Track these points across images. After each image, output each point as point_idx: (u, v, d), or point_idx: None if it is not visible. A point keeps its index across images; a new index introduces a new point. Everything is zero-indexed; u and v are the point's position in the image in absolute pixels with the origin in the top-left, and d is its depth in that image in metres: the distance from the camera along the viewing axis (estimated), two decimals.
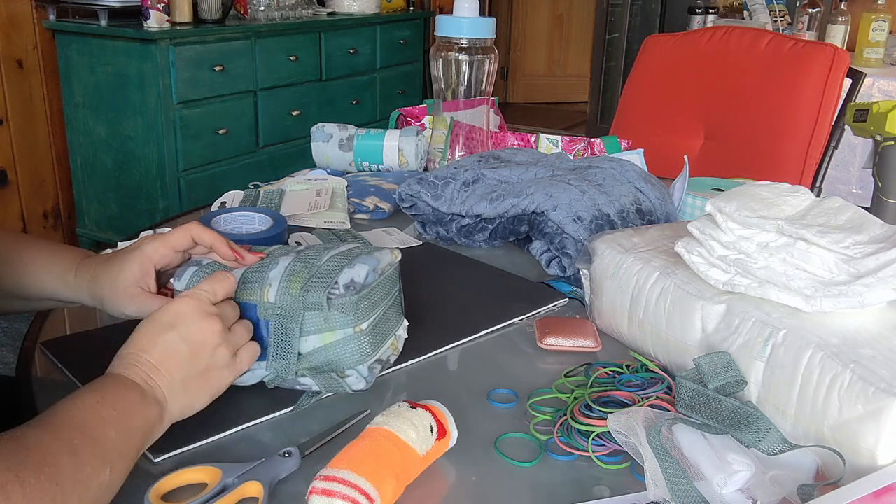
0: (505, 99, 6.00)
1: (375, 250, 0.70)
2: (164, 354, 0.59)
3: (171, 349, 0.60)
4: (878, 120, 1.03)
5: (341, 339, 0.66)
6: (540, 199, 0.99)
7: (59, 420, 0.52)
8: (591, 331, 0.81)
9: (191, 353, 0.60)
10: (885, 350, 0.57)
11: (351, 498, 0.51)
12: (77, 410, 0.53)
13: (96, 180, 2.78)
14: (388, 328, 0.71)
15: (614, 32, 4.04)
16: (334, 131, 1.37)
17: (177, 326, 0.60)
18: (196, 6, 2.75)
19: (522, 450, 0.64)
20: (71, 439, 0.50)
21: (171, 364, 0.59)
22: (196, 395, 0.61)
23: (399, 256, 0.73)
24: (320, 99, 3.25)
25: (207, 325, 0.61)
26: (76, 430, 0.51)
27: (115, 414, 0.54)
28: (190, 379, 0.60)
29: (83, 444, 0.51)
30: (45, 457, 0.48)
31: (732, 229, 0.69)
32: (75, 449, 0.50)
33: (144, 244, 0.70)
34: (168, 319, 0.61)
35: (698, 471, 0.57)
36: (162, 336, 0.60)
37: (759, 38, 1.76)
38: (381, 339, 0.70)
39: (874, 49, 3.03)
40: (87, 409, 0.53)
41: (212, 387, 0.62)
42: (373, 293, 0.68)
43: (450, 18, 1.25)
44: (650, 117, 1.88)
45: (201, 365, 0.61)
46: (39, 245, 0.74)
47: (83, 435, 0.51)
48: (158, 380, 0.59)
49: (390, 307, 0.72)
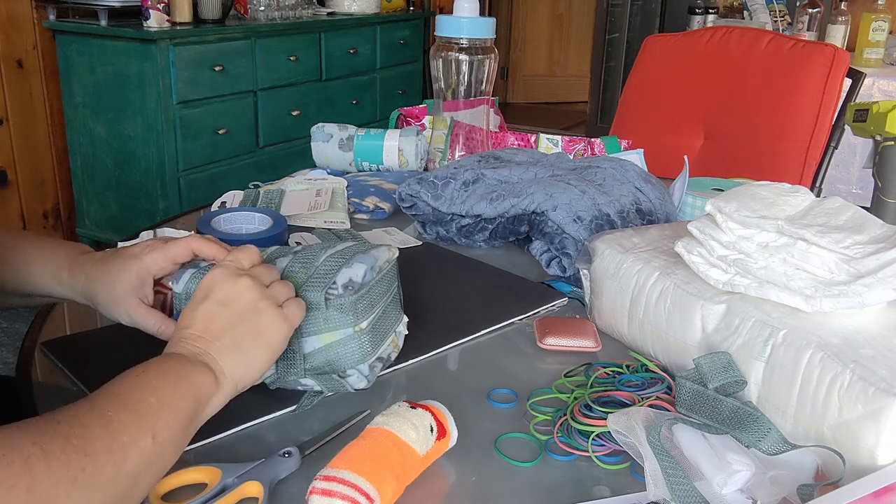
0: (505, 99, 6.00)
1: (372, 248, 0.70)
2: (206, 323, 0.60)
3: (210, 316, 0.60)
4: (878, 120, 1.03)
5: (341, 339, 0.66)
6: (540, 199, 0.99)
7: (98, 395, 0.52)
8: (591, 331, 0.81)
9: (232, 314, 0.60)
10: (885, 350, 0.57)
11: (351, 498, 0.51)
12: (117, 383, 0.53)
13: (96, 180, 2.78)
14: (388, 326, 0.71)
15: (614, 32, 4.04)
16: (334, 131, 1.37)
17: (210, 294, 0.61)
18: (196, 6, 2.75)
19: (522, 450, 0.64)
20: (105, 410, 0.50)
21: (214, 329, 0.59)
22: (253, 354, 0.61)
23: (396, 253, 0.73)
24: (320, 99, 3.25)
25: (241, 284, 0.61)
26: (112, 400, 0.51)
27: (157, 382, 0.54)
28: (240, 339, 0.60)
29: (118, 413, 0.50)
30: (73, 428, 0.48)
31: (732, 229, 0.69)
32: (109, 419, 0.50)
33: (144, 254, 0.69)
34: (200, 293, 0.61)
35: (698, 471, 0.57)
36: (198, 308, 0.60)
37: (759, 38, 1.76)
38: (382, 337, 0.70)
39: (874, 49, 3.03)
40: (127, 380, 0.54)
41: (270, 341, 0.61)
42: (371, 292, 0.68)
43: (450, 18, 1.25)
44: (650, 117, 1.88)
45: (248, 323, 0.60)
46: (34, 241, 0.74)
47: (119, 405, 0.51)
48: (206, 346, 0.59)
49: (389, 304, 0.72)
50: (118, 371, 0.57)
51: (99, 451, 0.48)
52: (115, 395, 0.52)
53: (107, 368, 0.72)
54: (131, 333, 0.73)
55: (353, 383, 0.68)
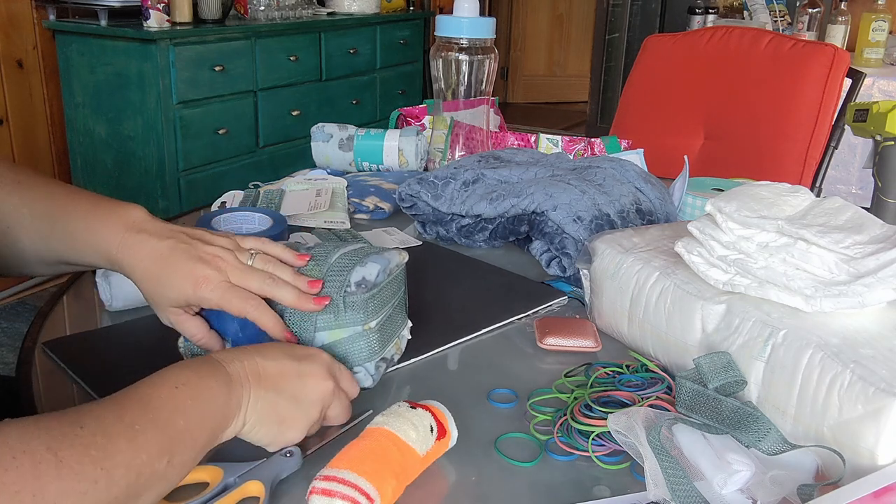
0: (505, 99, 6.00)
1: (385, 250, 0.71)
2: (275, 375, 0.58)
3: (283, 375, 0.58)
4: (878, 120, 1.03)
5: (350, 336, 0.67)
6: (540, 199, 0.99)
7: (129, 399, 0.50)
8: (591, 331, 0.81)
9: (294, 397, 0.59)
10: (885, 350, 0.57)
11: (351, 498, 0.51)
12: (151, 392, 0.51)
13: (96, 180, 2.78)
14: (394, 328, 0.72)
15: (614, 32, 4.04)
16: (334, 131, 1.37)
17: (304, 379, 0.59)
18: (196, 6, 2.75)
19: (522, 450, 0.64)
20: (133, 423, 0.48)
21: (271, 382, 0.58)
22: (270, 423, 0.58)
23: (406, 258, 0.73)
24: (320, 99, 3.25)
25: (325, 398, 0.61)
26: (142, 413, 0.49)
27: (190, 403, 0.52)
28: (277, 405, 0.58)
29: (145, 428, 0.48)
30: (97, 437, 0.45)
31: (732, 229, 0.69)
32: (135, 434, 0.48)
33: (202, 284, 0.64)
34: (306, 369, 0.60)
35: (698, 471, 0.57)
36: (287, 370, 0.59)
37: (759, 38, 1.76)
38: (388, 337, 0.70)
39: (874, 49, 3.03)
40: (163, 392, 0.51)
41: (284, 426, 0.59)
42: (382, 292, 0.68)
43: (450, 18, 1.25)
44: (650, 117, 1.88)
45: (291, 409, 0.59)
46: (81, 212, 0.67)
47: (148, 420, 0.49)
48: (253, 387, 0.57)
49: (396, 308, 0.72)
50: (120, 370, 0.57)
51: (117, 466, 0.46)
52: (146, 406, 0.50)
53: (108, 368, 0.73)
54: (133, 333, 0.73)
55: (360, 381, 0.68)
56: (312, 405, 0.60)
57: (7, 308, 2.68)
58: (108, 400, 0.49)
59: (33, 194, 0.69)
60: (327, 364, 0.62)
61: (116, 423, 0.47)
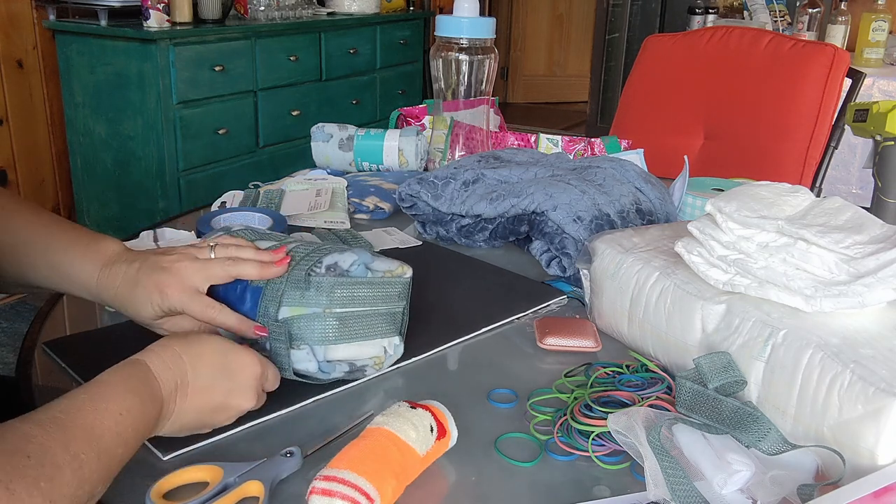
0: (505, 99, 6.00)
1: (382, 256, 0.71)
2: (203, 390, 0.60)
3: (211, 390, 0.60)
4: (878, 120, 1.03)
5: (308, 315, 0.67)
6: (540, 199, 0.99)
7: (73, 426, 0.49)
8: (591, 331, 0.81)
9: (216, 409, 0.61)
10: (885, 350, 0.57)
11: (351, 498, 0.51)
12: (95, 420, 0.50)
13: (96, 180, 2.78)
14: (370, 332, 0.70)
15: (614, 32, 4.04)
16: (334, 131, 1.37)
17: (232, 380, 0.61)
18: (196, 6, 2.75)
19: (522, 450, 0.64)
20: (78, 453, 0.48)
21: (198, 403, 0.60)
22: (182, 425, 0.60)
23: (407, 273, 0.72)
24: (320, 99, 3.25)
25: (248, 403, 0.63)
26: (86, 443, 0.49)
27: (131, 433, 0.53)
28: (197, 420, 0.61)
29: (89, 459, 0.48)
30: (44, 470, 0.45)
31: (732, 229, 0.69)
32: (80, 465, 0.47)
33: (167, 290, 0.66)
34: (234, 366, 0.62)
35: (698, 471, 0.57)
36: (214, 373, 0.61)
37: (759, 38, 1.76)
38: (355, 336, 0.69)
39: (874, 49, 3.03)
40: (107, 421, 0.51)
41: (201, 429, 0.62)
42: (358, 288, 0.68)
43: (450, 18, 1.25)
44: (650, 117, 1.88)
45: (208, 420, 0.62)
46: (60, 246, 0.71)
47: (93, 450, 0.49)
48: (178, 404, 0.59)
49: (382, 316, 0.70)
50: None
51: (63, 498, 0.46)
52: (90, 435, 0.49)
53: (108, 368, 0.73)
54: (133, 333, 0.73)
55: (301, 360, 0.67)
56: (228, 419, 0.63)
57: (7, 308, 2.68)
58: (48, 422, 0.48)
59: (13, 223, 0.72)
60: (256, 378, 0.63)
61: (63, 453, 0.47)
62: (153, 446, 0.61)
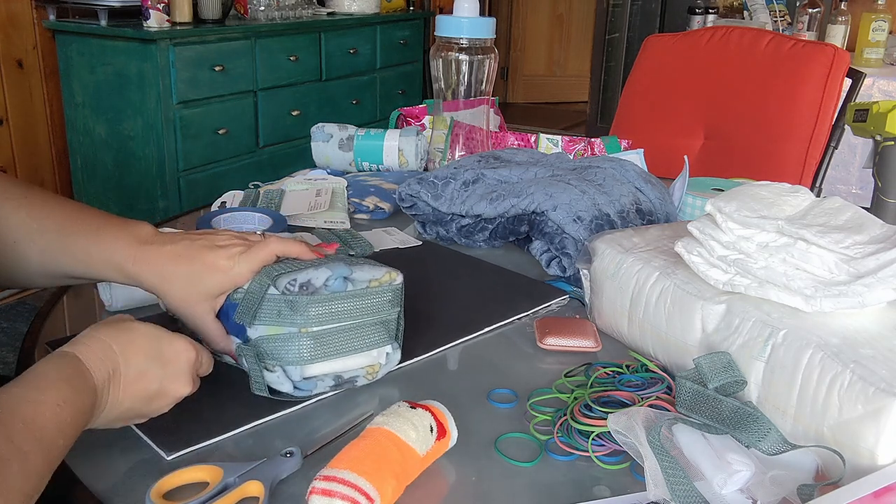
0: (505, 99, 6.00)
1: (364, 263, 0.69)
2: (136, 379, 0.59)
3: (145, 378, 0.59)
4: (878, 120, 1.03)
5: (284, 335, 0.65)
6: (540, 199, 0.99)
7: (13, 419, 0.48)
8: (591, 331, 0.81)
9: (151, 397, 0.60)
10: (885, 350, 0.57)
11: (351, 498, 0.51)
12: (34, 412, 0.50)
13: (96, 180, 2.78)
14: (356, 345, 0.68)
15: (614, 32, 4.04)
16: (334, 131, 1.37)
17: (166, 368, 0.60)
18: (196, 6, 2.75)
19: (522, 450, 0.64)
20: (21, 446, 0.47)
21: (133, 392, 0.59)
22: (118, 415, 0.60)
23: (397, 279, 0.70)
24: (320, 99, 3.25)
25: (184, 389, 0.62)
26: (28, 435, 0.48)
27: (70, 422, 0.52)
28: (130, 410, 0.60)
29: (34, 452, 0.48)
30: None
31: (732, 229, 0.69)
32: (25, 456, 0.47)
33: (232, 269, 0.66)
34: (167, 353, 0.61)
35: (698, 471, 0.57)
36: (147, 361, 0.60)
37: (759, 38, 1.76)
38: (336, 352, 0.67)
39: (874, 49, 3.03)
40: (46, 412, 0.51)
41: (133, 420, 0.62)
42: (337, 303, 0.66)
43: (450, 18, 1.25)
44: (650, 117, 1.88)
45: (144, 409, 0.61)
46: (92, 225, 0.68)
47: (36, 441, 0.49)
48: (111, 394, 0.58)
49: (371, 327, 0.69)
50: None
51: (13, 492, 0.45)
52: (30, 427, 0.49)
53: None
54: None
55: (275, 382, 0.66)
56: (166, 406, 0.62)
57: (7, 308, 2.68)
58: None
59: (42, 210, 0.69)
60: (190, 363, 0.62)
61: (6, 446, 0.46)
62: (156, 445, 0.61)
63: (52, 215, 0.69)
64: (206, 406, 0.66)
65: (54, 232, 0.68)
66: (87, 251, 0.67)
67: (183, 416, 0.64)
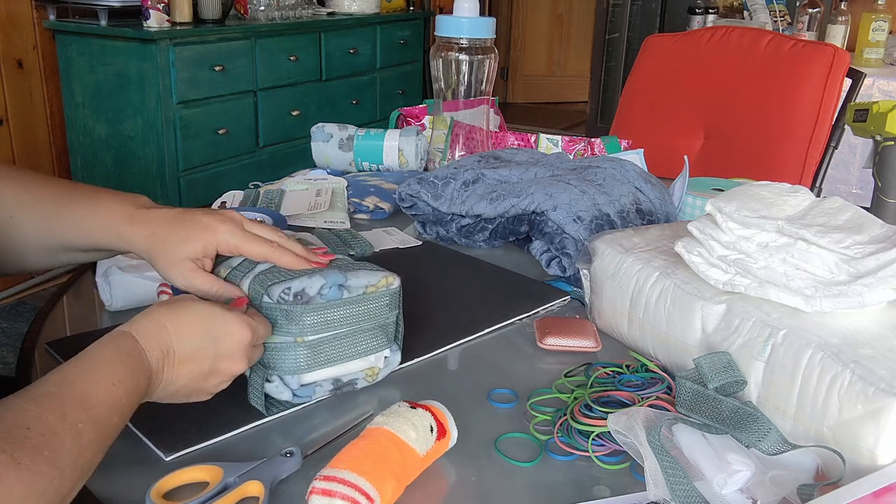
0: (505, 99, 6.00)
1: (361, 268, 0.68)
2: (189, 358, 0.59)
3: (197, 357, 0.60)
4: (878, 120, 1.03)
5: (280, 344, 0.65)
6: (540, 199, 0.99)
7: (68, 397, 0.50)
8: (591, 331, 0.81)
9: (206, 375, 0.61)
10: (885, 350, 0.57)
11: (351, 498, 0.51)
12: (89, 389, 0.52)
13: (96, 180, 2.77)
14: (353, 352, 0.68)
15: (614, 32, 4.04)
16: (334, 131, 1.37)
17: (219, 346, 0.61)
18: (196, 6, 2.75)
19: (522, 450, 0.64)
20: (76, 423, 0.49)
21: (186, 370, 0.60)
22: (174, 392, 0.61)
23: (394, 283, 0.69)
24: (320, 99, 3.25)
25: (238, 367, 0.62)
26: (83, 412, 0.50)
27: (125, 401, 0.54)
28: (184, 388, 0.61)
29: (87, 429, 0.49)
30: (45, 439, 0.46)
31: (732, 229, 0.69)
32: (78, 433, 0.49)
33: (218, 229, 0.67)
34: (220, 332, 0.61)
35: (698, 471, 0.57)
36: (200, 340, 0.60)
37: (759, 38, 1.76)
38: (332, 360, 0.67)
39: (874, 49, 3.03)
40: (100, 390, 0.52)
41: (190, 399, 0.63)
42: (332, 311, 0.65)
43: (450, 18, 1.25)
44: (650, 117, 1.88)
45: (201, 385, 0.61)
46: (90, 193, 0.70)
47: (90, 419, 0.50)
48: (165, 374, 0.59)
49: (369, 332, 0.68)
50: None
51: (68, 467, 0.47)
52: (85, 404, 0.51)
53: None
54: None
55: (271, 390, 0.66)
56: (223, 383, 0.63)
57: (7, 308, 2.68)
58: (41, 396, 0.49)
59: (37, 184, 0.71)
60: (244, 343, 0.62)
61: (60, 423, 0.48)
62: (155, 446, 0.61)
63: (46, 186, 0.71)
64: (205, 406, 0.66)
65: (49, 199, 0.70)
66: (83, 217, 0.69)
67: (183, 417, 0.64)
